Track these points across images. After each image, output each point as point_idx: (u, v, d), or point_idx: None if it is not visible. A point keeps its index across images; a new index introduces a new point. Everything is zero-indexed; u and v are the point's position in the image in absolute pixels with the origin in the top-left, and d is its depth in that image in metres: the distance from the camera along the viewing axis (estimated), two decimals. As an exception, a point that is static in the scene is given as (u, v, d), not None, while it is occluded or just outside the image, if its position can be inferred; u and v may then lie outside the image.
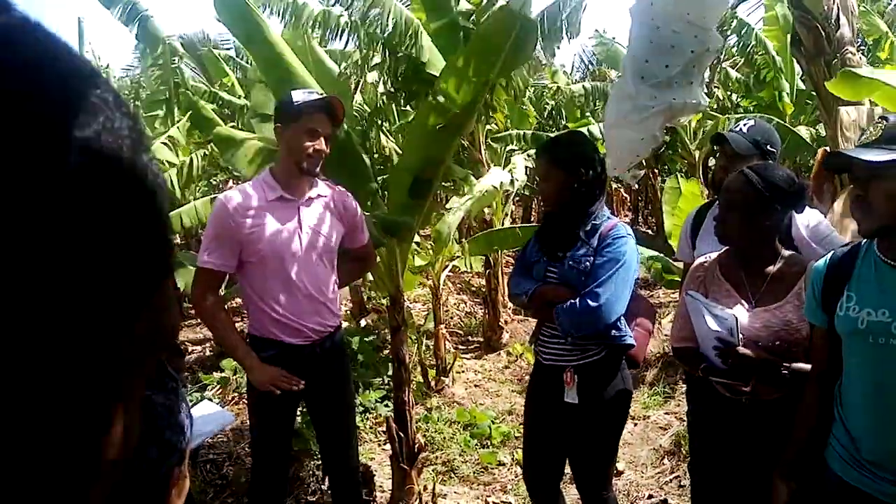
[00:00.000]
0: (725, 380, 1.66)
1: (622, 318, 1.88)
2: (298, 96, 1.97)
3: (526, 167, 6.17)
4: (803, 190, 1.66)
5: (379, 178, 3.44)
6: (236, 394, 3.74)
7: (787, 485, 1.51)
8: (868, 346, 1.31)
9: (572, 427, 1.97)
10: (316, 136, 1.96)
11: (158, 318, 0.27)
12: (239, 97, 6.38)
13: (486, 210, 5.41)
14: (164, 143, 5.00)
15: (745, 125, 2.13)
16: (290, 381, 1.96)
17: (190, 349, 5.02)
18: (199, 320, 5.99)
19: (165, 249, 0.26)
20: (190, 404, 0.68)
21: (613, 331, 1.87)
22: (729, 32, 6.09)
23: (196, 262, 2.06)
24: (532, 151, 5.95)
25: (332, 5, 3.30)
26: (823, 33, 2.35)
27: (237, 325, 5.56)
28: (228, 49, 8.64)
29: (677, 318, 1.86)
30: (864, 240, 1.39)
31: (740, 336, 1.58)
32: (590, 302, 1.82)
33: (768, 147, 2.07)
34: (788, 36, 5.90)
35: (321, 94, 2.06)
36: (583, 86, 6.75)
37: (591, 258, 1.87)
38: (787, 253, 1.71)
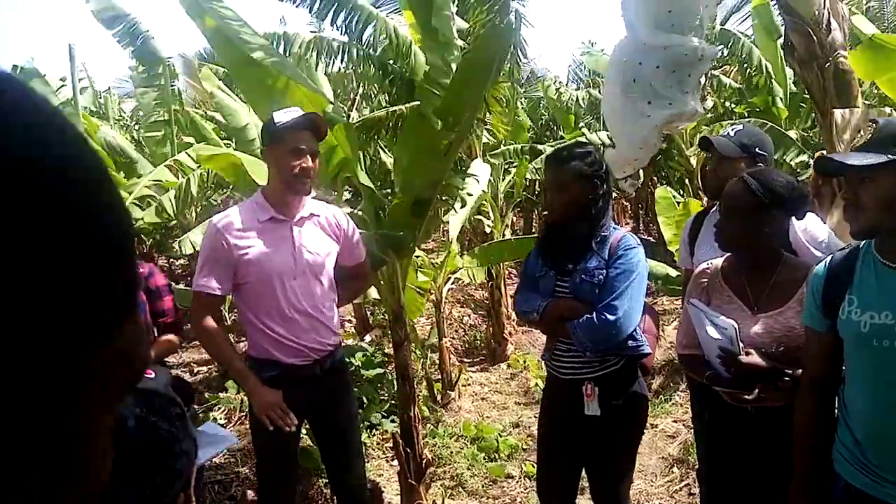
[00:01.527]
0: (729, 389, 1.65)
1: (637, 327, 1.87)
2: (280, 116, 1.96)
3: (526, 178, 6.20)
4: (804, 196, 1.65)
5: (379, 195, 3.46)
6: (242, 413, 3.73)
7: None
8: (872, 350, 1.30)
9: (593, 440, 1.95)
10: (301, 155, 1.95)
11: (125, 350, 0.27)
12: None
13: (487, 222, 5.43)
14: (168, 167, 5.03)
15: (732, 129, 2.15)
16: (285, 418, 1.93)
17: (195, 370, 5.02)
18: (203, 341, 5.99)
19: (128, 286, 0.26)
20: (196, 429, 0.69)
21: (630, 342, 1.86)
22: (718, 44, 6.15)
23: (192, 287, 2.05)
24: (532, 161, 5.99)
25: (322, 25, 3.33)
26: (815, 38, 2.37)
27: (241, 344, 5.53)
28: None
29: (682, 325, 1.86)
30: (862, 242, 1.40)
31: (741, 345, 1.58)
32: (608, 316, 1.79)
33: (757, 150, 2.07)
34: (779, 42, 5.96)
35: (302, 112, 2.04)
36: (578, 94, 6.80)
37: (604, 270, 1.84)
38: (789, 258, 1.71)
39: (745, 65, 6.03)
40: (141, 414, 0.60)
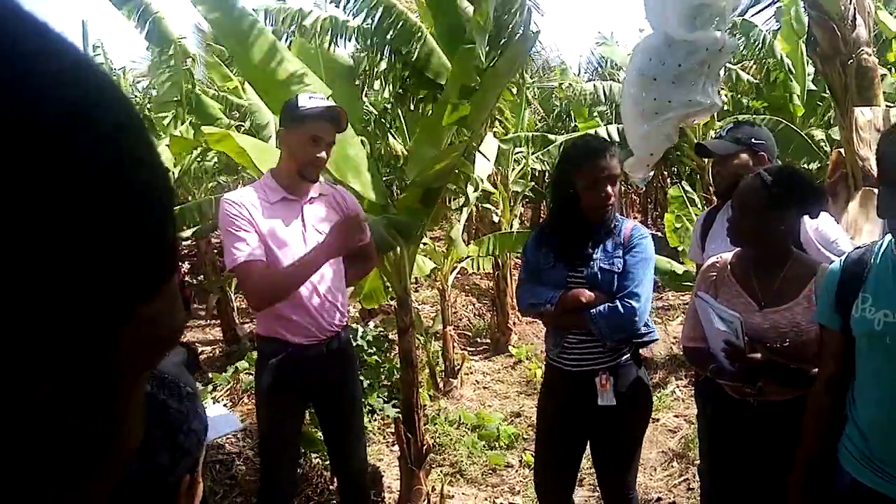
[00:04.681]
0: (733, 382, 1.65)
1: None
2: (304, 101, 1.94)
3: (534, 169, 6.17)
4: (821, 195, 1.63)
5: (387, 180, 3.46)
6: (245, 394, 3.76)
7: (804, 500, 1.49)
8: (885, 348, 1.30)
9: (603, 430, 1.95)
10: (319, 144, 1.95)
11: (160, 318, 0.26)
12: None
13: (496, 212, 5.41)
14: (167, 146, 5.01)
15: (724, 129, 2.18)
16: (359, 225, 1.92)
17: (199, 349, 5.05)
18: (209, 320, 6.03)
19: (165, 251, 0.25)
20: (205, 410, 0.67)
21: (644, 328, 1.88)
22: (738, 36, 6.06)
23: (228, 268, 1.98)
24: (540, 153, 5.94)
25: (338, 6, 3.29)
26: (839, 34, 2.32)
27: (246, 325, 5.56)
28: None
29: (688, 318, 1.86)
30: (877, 241, 1.38)
31: (745, 338, 1.58)
32: (633, 303, 1.81)
33: (753, 141, 2.07)
34: (801, 39, 5.87)
35: (326, 100, 2.03)
36: (593, 84, 6.73)
37: (622, 259, 1.86)
38: (798, 255, 1.70)
39: (764, 59, 5.94)
40: (151, 391, 0.59)
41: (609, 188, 1.86)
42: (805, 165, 5.17)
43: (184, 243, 8.29)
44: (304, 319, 2.00)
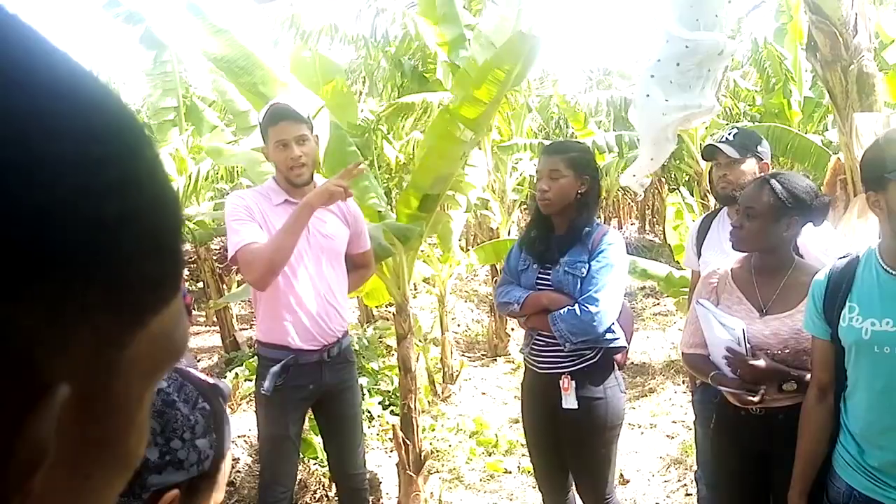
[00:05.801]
0: (735, 389, 1.65)
1: (615, 321, 1.89)
2: (260, 113, 2.00)
3: (532, 175, 6.19)
4: (825, 204, 1.64)
5: (383, 187, 3.47)
6: (244, 400, 3.75)
7: None
8: (874, 356, 1.31)
9: (571, 433, 1.96)
10: (286, 147, 1.95)
11: (167, 330, 0.26)
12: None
13: (494, 219, 5.43)
14: (170, 154, 5.02)
15: (730, 133, 2.14)
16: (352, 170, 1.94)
17: (199, 357, 5.05)
18: (207, 328, 6.03)
19: (176, 261, 0.25)
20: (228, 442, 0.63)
21: (608, 335, 1.88)
22: (740, 40, 6.10)
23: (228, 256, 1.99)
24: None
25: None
26: (841, 39, 2.33)
27: (245, 332, 5.54)
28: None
29: (688, 325, 1.86)
30: (864, 250, 1.40)
31: (747, 346, 1.58)
32: (590, 307, 1.82)
33: (759, 148, 2.08)
34: (800, 42, 5.91)
35: (277, 103, 2.01)
36: (596, 98, 6.75)
37: (587, 264, 1.88)
38: (799, 262, 1.70)
39: (764, 64, 5.97)
40: (165, 388, 0.59)
41: (543, 184, 1.91)
42: (804, 172, 5.19)
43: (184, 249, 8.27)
44: (304, 324, 2.00)
